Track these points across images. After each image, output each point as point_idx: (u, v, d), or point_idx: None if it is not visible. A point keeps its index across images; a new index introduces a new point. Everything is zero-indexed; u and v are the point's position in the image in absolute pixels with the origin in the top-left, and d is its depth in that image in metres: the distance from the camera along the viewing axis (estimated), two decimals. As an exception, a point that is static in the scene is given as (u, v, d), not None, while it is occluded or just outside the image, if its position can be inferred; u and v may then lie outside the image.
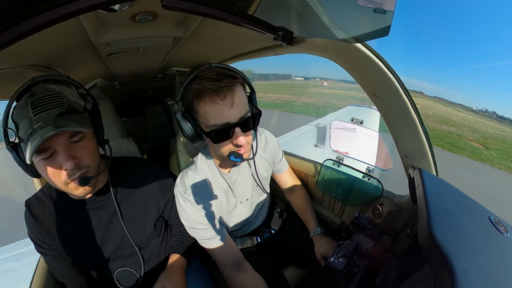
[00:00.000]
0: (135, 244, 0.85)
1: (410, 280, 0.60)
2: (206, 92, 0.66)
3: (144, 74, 1.63)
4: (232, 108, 0.68)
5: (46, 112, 0.61)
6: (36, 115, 0.60)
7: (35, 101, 0.61)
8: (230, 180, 0.94)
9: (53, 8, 0.35)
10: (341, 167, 1.25)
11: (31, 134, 0.59)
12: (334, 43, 0.81)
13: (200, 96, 0.67)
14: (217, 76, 0.67)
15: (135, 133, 2.31)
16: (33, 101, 0.61)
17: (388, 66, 0.81)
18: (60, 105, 0.63)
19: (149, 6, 0.65)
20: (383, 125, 0.99)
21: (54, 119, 0.61)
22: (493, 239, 0.58)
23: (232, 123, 0.69)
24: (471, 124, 18.96)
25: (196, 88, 0.67)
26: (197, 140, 0.76)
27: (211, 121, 0.68)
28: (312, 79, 42.95)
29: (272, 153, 1.08)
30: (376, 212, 1.10)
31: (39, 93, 0.63)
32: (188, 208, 0.86)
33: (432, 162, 0.91)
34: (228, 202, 0.97)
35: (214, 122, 0.68)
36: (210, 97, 0.66)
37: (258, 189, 1.06)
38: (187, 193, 0.85)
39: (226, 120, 0.68)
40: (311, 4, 0.57)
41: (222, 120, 0.68)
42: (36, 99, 0.62)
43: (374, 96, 0.88)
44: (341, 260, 0.80)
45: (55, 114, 0.62)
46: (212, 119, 0.68)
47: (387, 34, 0.53)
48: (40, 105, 0.61)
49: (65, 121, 0.62)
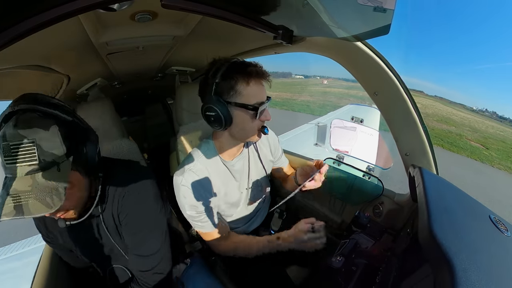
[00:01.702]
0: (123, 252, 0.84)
1: (410, 279, 0.60)
2: (252, 75, 0.79)
3: (144, 74, 1.62)
4: (264, 90, 0.84)
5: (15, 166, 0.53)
6: (7, 165, 0.53)
7: (5, 148, 0.53)
8: (232, 168, 0.98)
9: (53, 7, 0.35)
10: (341, 166, 1.25)
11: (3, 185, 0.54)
12: (334, 41, 0.81)
13: (248, 79, 0.78)
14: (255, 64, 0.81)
15: (135, 133, 2.31)
16: (4, 147, 0.53)
17: (388, 64, 0.81)
18: (31, 160, 0.54)
19: (149, 5, 0.65)
20: (383, 124, 0.99)
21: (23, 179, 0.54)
22: (494, 238, 0.58)
23: (265, 101, 0.83)
24: (471, 123, 18.94)
25: (241, 70, 0.79)
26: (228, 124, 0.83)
27: (254, 100, 0.80)
28: (312, 77, 42.88)
29: (272, 148, 1.13)
30: (376, 210, 1.10)
31: (9, 139, 0.53)
32: (185, 192, 0.88)
33: (432, 161, 0.91)
34: (229, 189, 0.99)
35: (257, 101, 0.81)
36: (256, 80, 0.80)
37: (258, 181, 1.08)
38: (185, 176, 0.88)
39: (263, 99, 0.83)
40: (311, 3, 0.57)
41: (262, 99, 0.83)
42: (6, 146, 0.53)
43: (374, 95, 0.87)
44: (339, 258, 0.80)
45: (24, 172, 0.54)
46: (255, 98, 0.81)
47: (388, 33, 0.53)
48: (10, 156, 0.53)
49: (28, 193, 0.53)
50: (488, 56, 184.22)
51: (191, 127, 1.24)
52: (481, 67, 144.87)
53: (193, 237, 1.27)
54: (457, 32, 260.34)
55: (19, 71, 0.76)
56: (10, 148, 0.53)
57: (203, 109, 0.83)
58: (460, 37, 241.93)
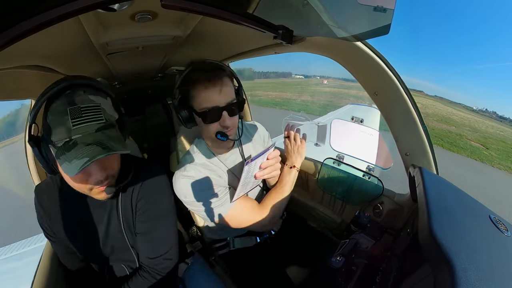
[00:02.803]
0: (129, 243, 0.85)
1: (410, 279, 0.60)
2: (200, 79, 0.80)
3: (144, 74, 1.62)
4: (220, 94, 0.82)
5: (86, 125, 0.60)
6: (75, 126, 0.59)
7: (75, 111, 0.60)
8: (226, 162, 1.02)
9: (53, 7, 0.35)
10: (341, 166, 1.25)
11: (72, 145, 0.58)
12: (334, 41, 0.81)
13: (195, 83, 0.81)
14: (209, 68, 0.83)
15: (135, 133, 2.31)
16: (73, 110, 0.60)
17: (388, 64, 0.81)
18: (99, 119, 0.63)
19: (149, 5, 0.65)
20: (383, 124, 0.99)
21: (94, 134, 0.61)
22: (494, 238, 0.58)
23: (220, 106, 0.83)
24: (471, 123, 18.94)
25: (192, 77, 0.82)
26: (190, 123, 0.89)
27: (203, 104, 0.82)
28: (312, 77, 42.89)
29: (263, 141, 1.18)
30: (376, 210, 1.10)
31: (79, 103, 0.61)
32: (187, 184, 0.90)
33: (432, 161, 0.91)
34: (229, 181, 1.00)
35: (206, 105, 0.82)
36: (203, 84, 0.81)
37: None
38: (186, 169, 0.91)
39: (215, 104, 0.82)
40: (311, 3, 0.57)
41: (213, 104, 0.82)
42: (76, 109, 0.60)
43: (375, 95, 0.88)
44: (339, 258, 0.80)
45: (94, 128, 0.61)
46: (204, 102, 0.82)
47: (388, 33, 0.53)
48: (80, 117, 0.60)
49: (106, 139, 0.62)
50: (488, 56, 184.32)
51: (191, 127, 1.24)
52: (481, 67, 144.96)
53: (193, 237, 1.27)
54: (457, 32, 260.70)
55: (19, 71, 0.76)
56: (80, 110, 0.60)
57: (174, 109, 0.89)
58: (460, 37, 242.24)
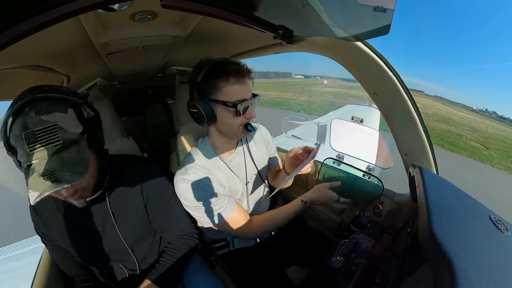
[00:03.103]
0: (126, 243, 0.85)
1: (410, 279, 0.60)
2: (232, 72, 0.82)
3: (144, 73, 1.62)
4: (248, 87, 0.86)
5: (41, 151, 0.58)
6: (31, 152, 0.57)
7: (29, 136, 0.57)
8: (230, 163, 1.01)
9: (53, 8, 0.35)
10: (341, 166, 1.25)
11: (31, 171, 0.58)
12: (334, 41, 0.81)
13: (228, 75, 0.82)
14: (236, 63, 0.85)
15: (135, 133, 2.31)
16: (27, 135, 0.57)
17: (388, 64, 0.81)
18: (55, 141, 0.59)
19: (149, 5, 0.65)
20: (383, 124, 0.99)
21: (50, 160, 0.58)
22: (494, 238, 0.58)
23: (248, 99, 0.85)
24: (471, 123, 18.94)
25: (222, 69, 0.82)
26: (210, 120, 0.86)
27: (235, 97, 0.83)
28: (312, 77, 42.89)
29: (266, 142, 1.18)
30: (376, 210, 1.10)
31: (32, 126, 0.57)
32: (188, 189, 0.89)
33: (432, 161, 0.91)
34: (231, 183, 1.00)
35: (237, 98, 0.83)
36: (235, 78, 0.82)
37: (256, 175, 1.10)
38: (188, 173, 0.90)
39: (245, 96, 0.85)
40: (311, 3, 0.57)
41: (243, 96, 0.84)
42: (30, 133, 0.57)
43: (375, 95, 0.87)
44: (339, 258, 0.80)
45: (51, 153, 0.58)
46: (236, 95, 0.83)
47: (388, 33, 0.53)
48: (35, 142, 0.57)
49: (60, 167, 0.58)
50: (488, 56, 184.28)
51: (191, 127, 1.24)
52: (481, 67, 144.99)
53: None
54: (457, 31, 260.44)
55: (19, 71, 0.76)
56: (34, 135, 0.57)
57: (188, 106, 0.88)
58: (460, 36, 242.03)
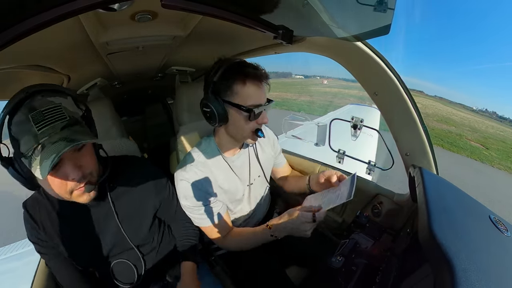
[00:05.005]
0: (132, 243, 0.86)
1: (410, 279, 0.60)
2: (249, 76, 0.79)
3: (144, 73, 1.62)
4: (264, 92, 0.84)
5: (50, 126, 0.60)
6: (40, 130, 0.59)
7: (37, 115, 0.59)
8: (233, 164, 1.00)
9: (53, 7, 0.35)
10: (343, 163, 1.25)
11: (40, 149, 0.59)
12: (334, 41, 0.81)
13: (247, 78, 0.80)
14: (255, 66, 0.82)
15: (135, 133, 2.31)
16: (35, 115, 0.59)
17: (389, 64, 0.81)
18: (62, 118, 0.62)
19: (149, 5, 0.65)
20: (383, 124, 0.99)
21: (60, 132, 0.61)
22: (494, 238, 0.58)
23: (263, 104, 0.83)
24: (471, 123, 18.93)
25: (241, 72, 0.80)
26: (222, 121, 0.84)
27: (251, 101, 0.81)
28: (312, 77, 42.89)
29: (272, 144, 1.16)
30: (375, 210, 1.10)
31: (39, 107, 0.60)
32: (186, 187, 0.89)
33: (432, 161, 0.91)
34: (231, 184, 0.99)
35: (253, 102, 0.81)
36: (253, 81, 0.80)
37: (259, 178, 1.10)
38: (187, 170, 0.89)
39: (260, 102, 0.83)
40: (311, 3, 0.57)
41: (259, 101, 0.82)
42: (38, 113, 0.59)
43: (374, 95, 0.88)
44: (339, 258, 0.80)
45: (59, 127, 0.61)
46: (252, 99, 0.81)
47: (388, 33, 0.53)
48: (43, 119, 0.60)
49: (72, 134, 0.62)
50: (488, 56, 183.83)
51: (191, 127, 1.24)
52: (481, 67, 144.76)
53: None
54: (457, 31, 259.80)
55: (19, 71, 0.76)
56: (42, 114, 0.60)
57: (201, 104, 0.86)
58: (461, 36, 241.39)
